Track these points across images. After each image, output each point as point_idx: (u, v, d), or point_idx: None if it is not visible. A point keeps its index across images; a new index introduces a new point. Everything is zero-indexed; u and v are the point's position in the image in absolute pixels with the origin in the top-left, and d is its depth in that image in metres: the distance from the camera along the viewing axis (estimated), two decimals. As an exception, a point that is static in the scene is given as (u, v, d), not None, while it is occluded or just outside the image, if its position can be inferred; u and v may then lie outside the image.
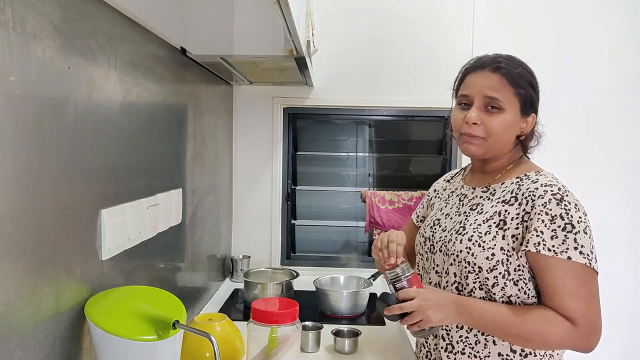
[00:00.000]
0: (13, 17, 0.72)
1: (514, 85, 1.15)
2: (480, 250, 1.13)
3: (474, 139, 1.17)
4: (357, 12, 2.30)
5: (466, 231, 1.18)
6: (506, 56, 1.19)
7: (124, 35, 1.11)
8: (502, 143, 1.18)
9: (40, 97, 0.80)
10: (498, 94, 1.14)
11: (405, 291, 1.12)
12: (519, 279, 1.12)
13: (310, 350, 1.47)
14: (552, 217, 1.07)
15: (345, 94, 2.33)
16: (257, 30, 1.35)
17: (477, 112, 1.16)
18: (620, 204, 2.35)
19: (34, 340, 0.79)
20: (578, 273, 1.06)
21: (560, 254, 1.06)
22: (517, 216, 1.12)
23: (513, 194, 1.16)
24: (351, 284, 1.97)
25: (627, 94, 2.33)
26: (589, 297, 1.06)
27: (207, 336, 0.93)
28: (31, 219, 0.78)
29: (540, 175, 1.17)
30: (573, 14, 2.31)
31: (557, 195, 1.09)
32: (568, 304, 1.05)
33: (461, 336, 1.18)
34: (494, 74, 1.15)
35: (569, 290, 1.06)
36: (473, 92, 1.17)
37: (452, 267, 1.19)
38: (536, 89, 1.19)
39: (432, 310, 1.10)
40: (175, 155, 1.54)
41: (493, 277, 1.12)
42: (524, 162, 1.24)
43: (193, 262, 1.73)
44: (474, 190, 1.26)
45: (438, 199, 1.41)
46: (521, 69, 1.16)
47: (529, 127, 1.20)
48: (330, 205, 2.58)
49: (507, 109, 1.15)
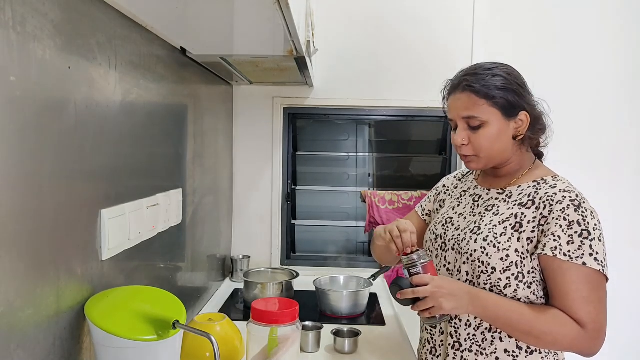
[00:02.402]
0: (13, 17, 0.72)
1: (485, 98, 1.15)
2: (495, 250, 1.14)
3: (468, 157, 1.21)
4: (357, 12, 2.30)
5: (481, 231, 1.19)
6: (472, 69, 1.20)
7: (124, 35, 1.11)
8: (497, 152, 1.19)
9: (40, 98, 0.80)
10: (472, 111, 1.16)
11: (419, 277, 1.13)
12: (532, 281, 1.14)
13: (310, 350, 1.48)
14: (569, 222, 1.09)
15: (345, 94, 2.33)
16: (257, 30, 1.35)
17: (461, 133, 1.19)
18: (620, 203, 2.35)
19: (34, 340, 0.79)
20: (591, 279, 1.08)
21: (575, 259, 1.08)
22: (533, 219, 1.14)
23: (530, 198, 1.17)
24: (351, 284, 1.97)
25: (627, 93, 2.33)
26: (599, 303, 1.09)
27: (207, 336, 0.93)
28: (31, 219, 0.78)
29: (558, 180, 1.18)
30: (573, 13, 2.31)
31: (575, 202, 1.11)
32: (580, 307, 1.08)
33: (469, 334, 1.19)
34: (463, 93, 1.18)
35: (582, 294, 1.08)
36: (453, 115, 1.21)
37: (464, 265, 1.20)
38: (515, 89, 1.17)
39: (445, 298, 1.10)
40: (176, 155, 1.54)
41: (505, 277, 1.14)
42: (540, 167, 1.26)
43: (193, 262, 1.73)
44: (489, 192, 1.27)
45: (449, 196, 1.40)
46: (489, 77, 1.16)
47: (525, 125, 1.19)
48: (330, 205, 2.58)
49: (487, 120, 1.16)
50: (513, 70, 1.20)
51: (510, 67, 1.21)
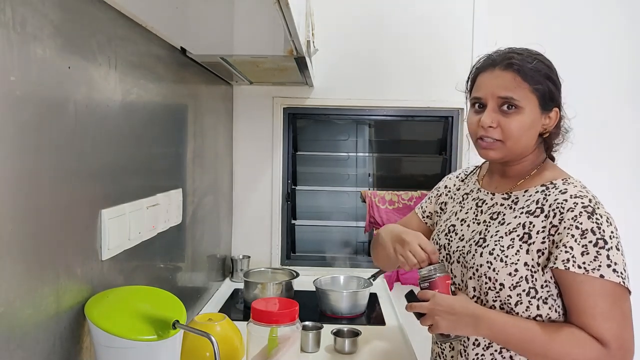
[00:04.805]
0: (13, 17, 0.72)
1: (529, 81, 1.06)
2: (503, 265, 1.05)
3: (492, 143, 1.09)
4: (357, 12, 2.30)
5: (487, 243, 1.09)
6: (519, 49, 1.11)
7: (124, 35, 1.11)
8: (523, 144, 1.09)
9: (40, 97, 0.80)
10: (512, 92, 1.06)
11: (423, 292, 1.11)
12: (548, 296, 1.04)
13: (310, 350, 1.48)
14: (582, 231, 0.99)
15: (345, 94, 2.33)
16: (257, 30, 1.35)
17: (491, 114, 1.08)
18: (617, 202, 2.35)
19: (34, 340, 0.79)
20: (611, 292, 0.98)
21: (592, 271, 0.98)
22: (543, 229, 1.04)
23: (539, 205, 1.06)
24: (351, 284, 1.97)
25: (627, 92, 2.33)
26: (622, 318, 0.98)
27: (207, 336, 0.93)
28: (31, 219, 0.78)
29: (569, 184, 1.07)
30: (573, 13, 2.31)
31: (589, 208, 1.00)
32: (600, 324, 0.97)
33: (477, 354, 1.11)
34: (506, 72, 1.08)
35: (601, 310, 0.98)
36: (485, 93, 1.10)
37: (471, 280, 1.11)
38: (556, 82, 1.10)
39: (441, 317, 1.06)
40: (175, 155, 1.54)
41: (516, 294, 1.05)
42: (549, 167, 1.15)
43: (193, 262, 1.73)
44: (493, 197, 1.18)
45: (451, 199, 1.32)
46: (537, 62, 1.08)
47: (553, 123, 1.11)
48: (330, 205, 2.58)
49: (524, 107, 1.06)
50: (552, 64, 1.12)
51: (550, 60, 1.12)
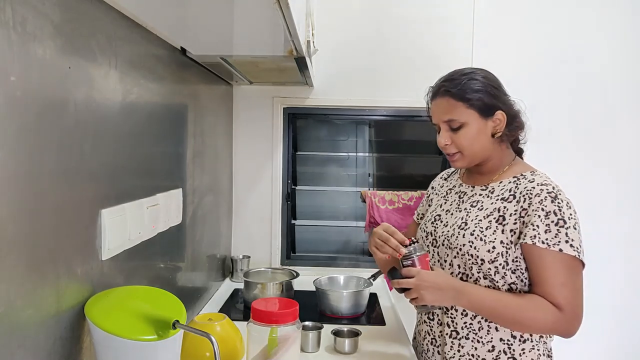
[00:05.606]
0: (13, 17, 0.72)
1: (463, 100, 1.25)
2: (482, 244, 1.23)
3: (453, 155, 1.31)
4: (357, 12, 2.30)
5: (468, 226, 1.28)
6: (450, 75, 1.30)
7: (124, 35, 1.11)
8: (479, 149, 1.28)
9: (40, 97, 0.80)
10: (451, 114, 1.26)
11: (407, 269, 1.23)
12: (517, 268, 1.23)
13: (310, 350, 1.48)
14: (546, 212, 1.18)
15: (345, 94, 2.33)
16: (257, 30, 1.35)
17: (444, 134, 1.29)
18: (612, 201, 2.35)
19: (34, 340, 0.79)
20: (568, 264, 1.17)
21: (552, 246, 1.16)
22: (515, 212, 1.23)
23: (511, 192, 1.26)
24: (351, 284, 1.97)
25: (627, 91, 2.33)
26: (575, 287, 1.18)
27: (207, 336, 0.93)
28: (31, 219, 0.78)
29: (536, 175, 1.28)
30: (573, 13, 2.31)
31: (552, 194, 1.19)
32: (558, 292, 1.16)
33: (465, 322, 1.28)
34: (442, 98, 1.28)
35: (559, 279, 1.17)
36: (436, 119, 1.32)
37: (455, 259, 1.29)
38: (489, 90, 1.26)
39: (427, 291, 1.20)
40: (175, 155, 1.54)
41: (494, 267, 1.23)
42: (519, 163, 1.35)
43: (193, 262, 1.73)
44: (473, 189, 1.37)
45: (436, 195, 1.50)
46: (465, 82, 1.25)
47: (502, 123, 1.27)
48: (330, 205, 2.58)
49: (466, 121, 1.26)
50: (488, 74, 1.30)
51: (486, 71, 1.30)
